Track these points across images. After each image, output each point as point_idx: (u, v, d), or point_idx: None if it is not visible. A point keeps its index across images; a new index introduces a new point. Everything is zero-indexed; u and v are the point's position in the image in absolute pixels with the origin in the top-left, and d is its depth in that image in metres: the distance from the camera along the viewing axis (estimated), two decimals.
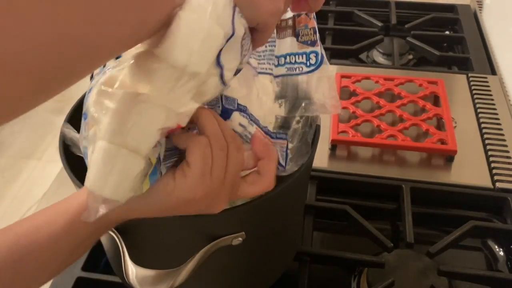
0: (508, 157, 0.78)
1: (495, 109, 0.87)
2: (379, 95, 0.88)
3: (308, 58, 0.46)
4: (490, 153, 0.78)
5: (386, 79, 0.91)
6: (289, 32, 0.46)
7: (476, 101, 0.89)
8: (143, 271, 0.46)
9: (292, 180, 0.46)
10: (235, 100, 0.40)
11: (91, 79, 0.41)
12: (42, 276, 0.41)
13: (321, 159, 0.79)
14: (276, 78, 0.47)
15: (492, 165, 0.76)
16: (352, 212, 0.69)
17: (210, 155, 0.37)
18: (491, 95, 0.90)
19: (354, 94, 0.89)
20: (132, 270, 0.46)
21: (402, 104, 0.86)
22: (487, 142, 0.81)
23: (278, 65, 0.47)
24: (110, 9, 0.26)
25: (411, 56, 1.07)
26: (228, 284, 0.55)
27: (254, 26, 0.36)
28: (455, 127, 0.83)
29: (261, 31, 0.37)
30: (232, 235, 0.46)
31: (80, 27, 0.25)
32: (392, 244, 0.65)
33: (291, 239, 0.60)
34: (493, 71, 0.98)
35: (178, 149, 0.39)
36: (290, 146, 0.46)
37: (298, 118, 0.47)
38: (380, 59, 1.07)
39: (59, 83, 0.26)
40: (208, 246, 0.45)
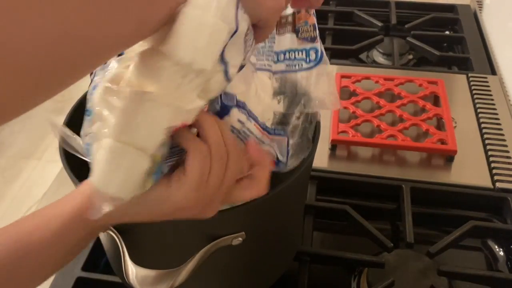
0: (508, 157, 0.78)
1: (495, 109, 0.87)
2: (379, 95, 0.88)
3: (308, 54, 0.46)
4: (490, 153, 0.78)
5: (386, 79, 0.91)
6: (288, 28, 0.46)
7: (476, 101, 0.89)
8: (143, 271, 0.46)
9: (292, 180, 0.46)
10: (234, 96, 0.40)
11: (91, 75, 0.41)
12: (35, 279, 0.41)
13: (321, 159, 0.79)
14: (275, 74, 0.47)
15: (492, 165, 0.76)
16: (352, 212, 0.69)
17: (209, 165, 0.36)
18: (491, 95, 0.90)
19: (354, 94, 0.89)
20: (132, 270, 0.46)
21: (402, 104, 0.86)
22: (487, 142, 0.81)
23: (277, 61, 0.47)
24: (112, 6, 0.26)
25: (411, 56, 1.07)
26: (228, 284, 0.55)
27: (255, 22, 0.36)
28: (455, 127, 0.83)
29: (262, 28, 0.37)
30: (232, 235, 0.46)
31: (81, 25, 0.25)
32: (392, 244, 0.65)
33: (291, 239, 0.60)
34: (493, 71, 0.98)
35: (180, 148, 0.38)
36: (291, 142, 0.46)
37: (298, 114, 0.47)
38: (380, 59, 1.07)
39: (61, 81, 0.26)
40: (208, 246, 0.45)
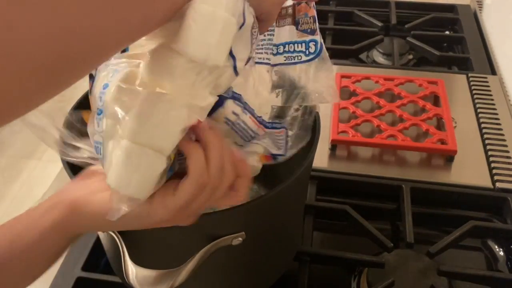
0: (508, 157, 0.78)
1: (495, 109, 0.87)
2: (379, 95, 0.88)
3: (307, 46, 0.45)
4: (490, 153, 0.78)
5: (386, 79, 0.91)
6: (288, 20, 0.46)
7: (476, 101, 0.89)
8: (143, 271, 0.46)
9: (292, 180, 0.46)
10: (229, 88, 0.40)
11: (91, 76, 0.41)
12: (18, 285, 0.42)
13: (321, 159, 0.79)
14: (275, 67, 0.47)
15: (492, 165, 0.76)
16: (352, 212, 0.69)
17: (201, 193, 0.36)
18: (491, 95, 0.90)
19: (354, 94, 0.89)
20: (132, 270, 0.46)
21: (402, 104, 0.86)
22: (487, 142, 0.81)
23: (276, 53, 0.46)
24: (117, 1, 0.26)
25: (411, 56, 1.07)
26: (228, 284, 0.55)
27: (257, 15, 0.36)
28: (455, 127, 0.83)
29: (264, 20, 0.37)
30: (232, 235, 0.46)
31: (86, 20, 0.24)
32: (392, 244, 0.65)
33: (291, 239, 0.60)
34: (493, 71, 0.98)
35: None
36: (290, 133, 0.46)
37: (297, 107, 0.47)
38: (380, 59, 1.07)
39: (67, 77, 0.26)
40: (208, 246, 0.45)
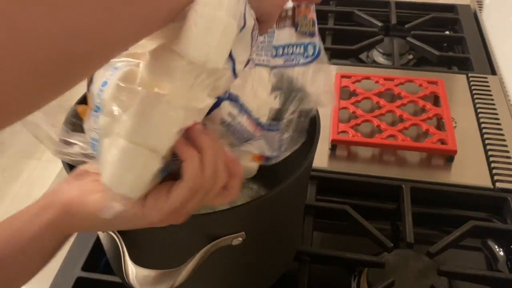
0: (508, 157, 0.78)
1: (495, 109, 0.87)
2: (379, 95, 0.88)
3: (306, 49, 0.45)
4: (490, 153, 0.78)
5: (386, 79, 0.91)
6: (288, 22, 0.45)
7: (476, 101, 0.89)
8: (143, 271, 0.46)
9: (292, 180, 0.46)
10: (226, 89, 0.40)
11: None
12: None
13: (321, 159, 0.78)
14: (273, 69, 0.47)
15: (492, 165, 0.76)
16: (352, 212, 0.69)
17: (195, 196, 0.36)
18: (491, 95, 0.90)
19: (354, 94, 0.89)
20: (132, 270, 0.46)
21: (402, 104, 0.86)
22: (487, 142, 0.81)
23: (275, 55, 0.46)
24: (120, 2, 0.25)
25: (411, 56, 1.07)
26: (228, 284, 0.55)
27: (258, 17, 0.36)
28: (455, 127, 0.83)
29: (264, 22, 0.37)
30: (232, 235, 0.46)
31: (91, 22, 0.24)
32: (392, 244, 0.64)
33: (291, 239, 0.60)
34: (493, 71, 0.98)
35: None
36: (285, 136, 0.45)
37: (293, 109, 0.46)
38: (380, 59, 1.07)
39: (70, 79, 0.26)
40: (208, 246, 0.45)
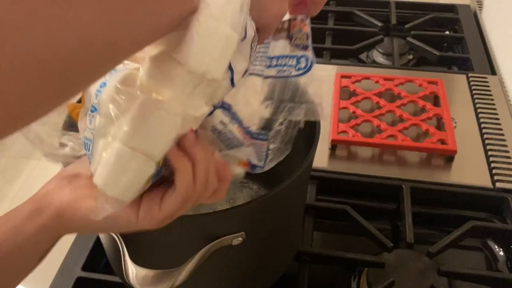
0: (508, 157, 0.78)
1: (495, 109, 0.87)
2: (379, 95, 0.88)
3: (298, 62, 0.46)
4: (490, 153, 0.78)
5: (386, 79, 0.91)
6: (283, 34, 0.46)
7: (476, 101, 0.89)
8: (143, 271, 0.46)
9: (292, 180, 0.46)
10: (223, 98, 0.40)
11: None
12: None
13: (321, 159, 0.79)
14: (266, 79, 0.47)
15: (492, 165, 0.76)
16: (352, 212, 0.69)
17: (186, 206, 0.37)
18: (491, 95, 0.90)
19: (354, 94, 0.89)
20: (132, 270, 0.46)
21: (402, 104, 0.86)
22: (487, 142, 0.81)
23: (269, 66, 0.47)
24: (127, 10, 0.25)
25: (411, 56, 1.07)
26: (228, 284, 0.55)
27: (257, 26, 0.36)
28: (455, 127, 0.83)
29: (262, 32, 0.37)
30: (232, 235, 0.46)
31: (99, 30, 0.24)
32: (392, 244, 0.65)
33: (291, 239, 0.60)
34: (493, 71, 0.98)
35: None
36: (272, 147, 0.46)
37: (282, 120, 0.47)
38: (380, 59, 1.07)
39: (77, 86, 0.26)
40: (208, 246, 0.45)
